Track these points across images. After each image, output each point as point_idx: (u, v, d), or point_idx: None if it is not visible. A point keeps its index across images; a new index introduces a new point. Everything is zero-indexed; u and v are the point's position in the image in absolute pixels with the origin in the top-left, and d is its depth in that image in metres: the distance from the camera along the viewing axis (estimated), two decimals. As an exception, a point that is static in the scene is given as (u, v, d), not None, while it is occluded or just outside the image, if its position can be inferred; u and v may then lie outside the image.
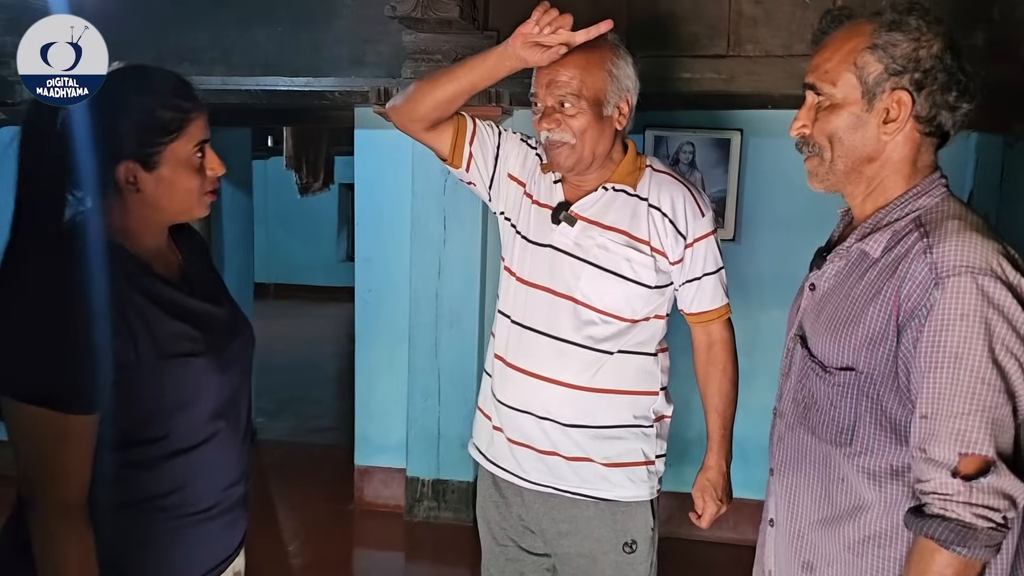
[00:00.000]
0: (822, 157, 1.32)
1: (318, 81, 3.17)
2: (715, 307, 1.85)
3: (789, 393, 1.41)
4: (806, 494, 1.37)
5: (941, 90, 1.24)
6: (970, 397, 1.13)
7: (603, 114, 1.71)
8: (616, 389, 1.78)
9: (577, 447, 1.77)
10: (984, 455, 1.13)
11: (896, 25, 1.25)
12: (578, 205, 1.77)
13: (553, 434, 1.77)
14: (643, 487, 1.82)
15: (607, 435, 1.78)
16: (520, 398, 1.79)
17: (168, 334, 1.31)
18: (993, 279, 1.14)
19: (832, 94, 1.29)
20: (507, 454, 1.84)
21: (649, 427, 1.83)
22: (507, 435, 1.83)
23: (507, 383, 1.82)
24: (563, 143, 1.70)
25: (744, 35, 2.82)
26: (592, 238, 1.75)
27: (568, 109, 1.68)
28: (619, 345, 1.77)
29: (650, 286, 1.76)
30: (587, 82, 1.67)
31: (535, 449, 1.80)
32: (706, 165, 3.47)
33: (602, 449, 1.78)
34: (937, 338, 1.15)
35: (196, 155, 1.35)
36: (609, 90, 1.70)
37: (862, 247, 1.30)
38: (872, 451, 1.26)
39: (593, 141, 1.71)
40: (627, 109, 1.75)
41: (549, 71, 1.68)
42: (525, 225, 1.83)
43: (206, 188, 1.38)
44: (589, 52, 1.67)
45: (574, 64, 1.67)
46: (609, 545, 1.81)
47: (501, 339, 1.86)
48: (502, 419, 1.84)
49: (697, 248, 1.78)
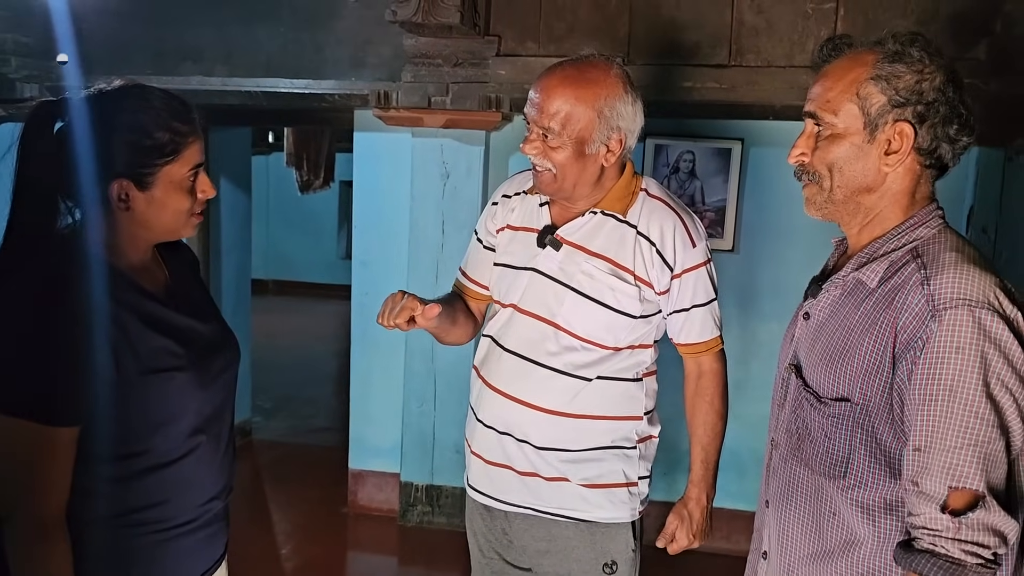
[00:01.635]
0: (821, 186, 1.31)
1: (318, 84, 3.17)
2: (704, 340, 1.79)
3: (783, 424, 1.40)
4: (797, 527, 1.35)
5: (943, 123, 1.23)
6: (963, 431, 1.12)
7: (585, 152, 1.65)
8: (595, 415, 1.73)
9: (554, 469, 1.75)
10: (974, 490, 1.12)
11: (899, 56, 1.24)
12: (564, 229, 1.73)
13: (531, 456, 1.74)
14: (623, 508, 1.78)
15: (584, 458, 1.74)
16: (495, 417, 1.77)
17: (151, 349, 1.30)
18: (990, 312, 1.13)
19: (833, 124, 1.28)
20: (483, 478, 1.82)
21: (632, 448, 1.78)
22: (485, 457, 1.80)
23: (483, 401, 1.80)
24: (546, 169, 1.68)
25: (746, 45, 2.82)
26: (577, 264, 1.71)
27: (551, 140, 1.64)
28: (599, 371, 1.72)
29: (634, 316, 1.71)
30: (572, 118, 1.62)
31: (515, 470, 1.76)
32: (706, 174, 3.47)
33: (580, 471, 1.74)
34: (932, 370, 1.14)
35: (189, 178, 1.35)
36: (596, 130, 1.64)
37: (858, 276, 1.29)
38: (866, 484, 1.25)
39: (574, 175, 1.67)
40: (618, 147, 1.68)
41: (540, 96, 1.64)
42: (503, 253, 1.82)
43: (195, 210, 1.38)
44: (581, 86, 1.63)
45: (563, 97, 1.62)
46: (589, 565, 1.79)
47: (480, 353, 1.84)
48: (480, 440, 1.81)
49: (686, 279, 1.73)
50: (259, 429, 4.94)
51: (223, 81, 3.20)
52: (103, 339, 1.24)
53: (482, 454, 1.81)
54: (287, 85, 3.18)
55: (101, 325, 1.24)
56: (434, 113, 3.13)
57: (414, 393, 3.60)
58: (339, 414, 4.67)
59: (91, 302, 1.24)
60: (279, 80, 3.18)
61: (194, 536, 1.39)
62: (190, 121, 1.35)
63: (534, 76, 1.71)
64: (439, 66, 3.05)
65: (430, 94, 3.09)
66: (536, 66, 2.89)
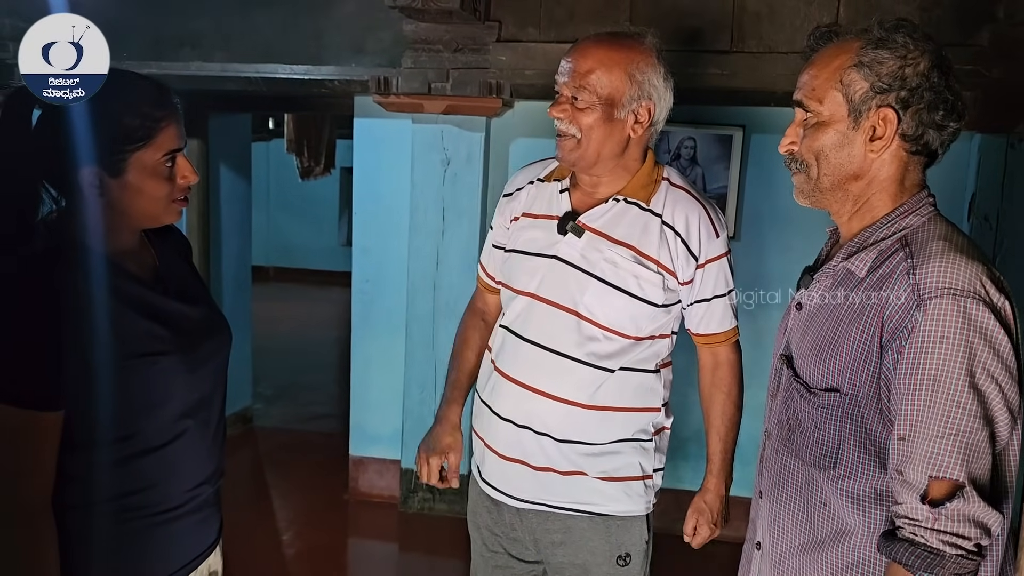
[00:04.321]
0: (808, 174, 1.31)
1: (318, 69, 3.15)
2: (723, 330, 1.79)
3: (775, 414, 1.40)
4: (788, 518, 1.35)
5: (928, 109, 1.22)
6: (945, 421, 1.12)
7: (614, 116, 1.64)
8: (616, 407, 1.72)
9: (570, 462, 1.73)
10: (954, 479, 1.12)
11: (882, 43, 1.23)
12: (586, 216, 1.71)
13: (549, 449, 1.72)
14: (639, 502, 1.78)
15: (603, 451, 1.73)
16: (513, 410, 1.74)
17: (134, 333, 1.29)
18: (977, 301, 1.13)
19: (819, 111, 1.28)
20: (498, 473, 1.80)
21: (648, 441, 1.77)
22: (500, 452, 1.77)
23: (500, 393, 1.77)
24: (569, 135, 1.67)
25: (748, 31, 2.80)
26: (600, 251, 1.69)
27: (579, 103, 1.64)
28: (621, 362, 1.70)
29: (657, 304, 1.69)
30: (603, 79, 1.62)
31: (530, 466, 1.74)
32: (707, 161, 3.46)
33: (597, 464, 1.73)
34: (916, 360, 1.14)
35: (165, 164, 1.32)
36: (627, 92, 1.64)
37: (848, 266, 1.29)
38: (856, 475, 1.25)
39: (599, 141, 1.66)
40: (646, 117, 1.67)
41: (571, 59, 1.65)
42: (516, 240, 1.80)
43: (176, 195, 1.36)
44: (615, 49, 1.64)
45: (596, 58, 1.63)
46: (603, 557, 1.78)
47: (495, 344, 1.82)
48: (496, 434, 1.78)
49: (709, 269, 1.72)
50: (260, 416, 4.94)
51: (222, 67, 3.18)
52: (86, 323, 1.23)
53: (498, 448, 1.78)
54: (286, 71, 3.16)
55: (83, 309, 1.24)
56: (434, 99, 3.11)
57: (415, 380, 3.60)
58: (340, 401, 4.68)
59: (73, 287, 1.24)
60: (278, 66, 3.16)
61: (183, 521, 1.38)
62: (165, 106, 1.32)
63: (535, 62, 1.71)
64: (439, 52, 3.03)
65: (430, 80, 3.07)
66: (537, 52, 2.87)
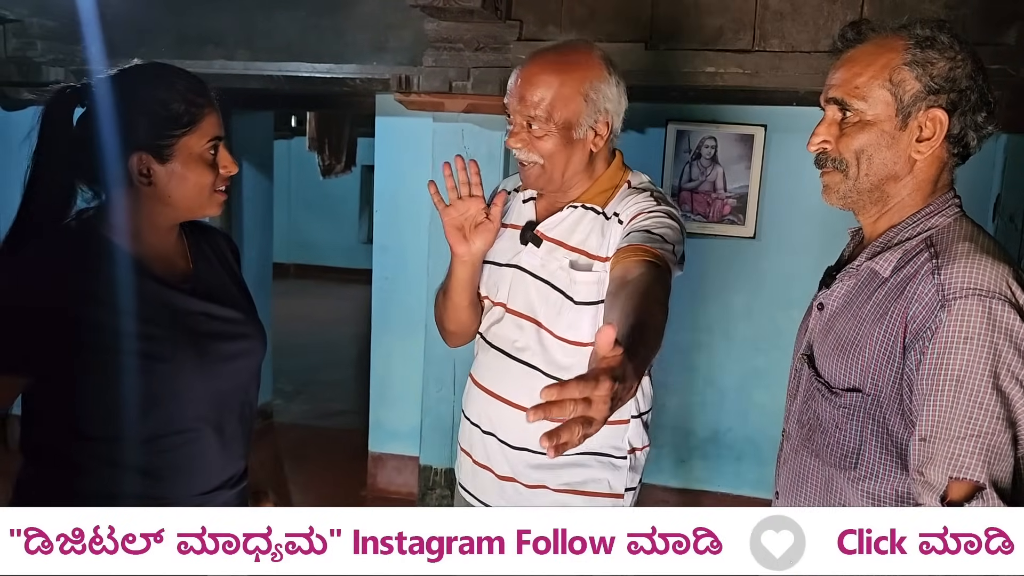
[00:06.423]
0: (846, 174, 1.28)
1: (339, 68, 3.17)
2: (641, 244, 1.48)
3: (795, 414, 1.39)
4: None
5: (972, 110, 1.22)
6: (967, 422, 1.11)
7: (573, 137, 1.60)
8: None
9: (530, 474, 1.68)
10: (974, 480, 1.11)
11: (930, 42, 1.21)
12: (544, 224, 1.68)
13: (511, 457, 1.69)
14: None
15: (563, 462, 1.64)
16: (480, 415, 1.74)
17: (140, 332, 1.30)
18: (1002, 302, 1.12)
19: (863, 110, 1.25)
20: (470, 476, 1.79)
21: (620, 458, 1.69)
22: (472, 456, 1.77)
23: (471, 398, 1.78)
24: (531, 163, 1.63)
25: (770, 29, 2.79)
26: (557, 260, 1.64)
27: (536, 131, 1.59)
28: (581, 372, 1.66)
29: None
30: (557, 106, 1.57)
31: (494, 473, 1.72)
32: (728, 160, 3.44)
33: (559, 476, 1.67)
34: (940, 360, 1.13)
35: (209, 151, 1.36)
36: (583, 114, 1.58)
37: (872, 266, 1.27)
38: (877, 475, 1.24)
39: (563, 164, 1.61)
40: (605, 130, 1.62)
41: (520, 87, 1.59)
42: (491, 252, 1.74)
43: (218, 186, 1.39)
44: (564, 71, 1.58)
45: (546, 84, 1.57)
46: None
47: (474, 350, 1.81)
48: (468, 438, 1.78)
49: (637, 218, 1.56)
50: (280, 412, 4.98)
51: (245, 65, 3.20)
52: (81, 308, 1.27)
53: (470, 452, 1.78)
54: (308, 69, 3.18)
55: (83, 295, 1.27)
56: (455, 98, 3.12)
57: (433, 377, 3.61)
58: (359, 397, 4.70)
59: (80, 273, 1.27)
60: (301, 64, 3.18)
61: None
62: (205, 94, 1.36)
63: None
64: (460, 51, 3.04)
65: (451, 79, 3.08)
66: (558, 51, 2.86)
